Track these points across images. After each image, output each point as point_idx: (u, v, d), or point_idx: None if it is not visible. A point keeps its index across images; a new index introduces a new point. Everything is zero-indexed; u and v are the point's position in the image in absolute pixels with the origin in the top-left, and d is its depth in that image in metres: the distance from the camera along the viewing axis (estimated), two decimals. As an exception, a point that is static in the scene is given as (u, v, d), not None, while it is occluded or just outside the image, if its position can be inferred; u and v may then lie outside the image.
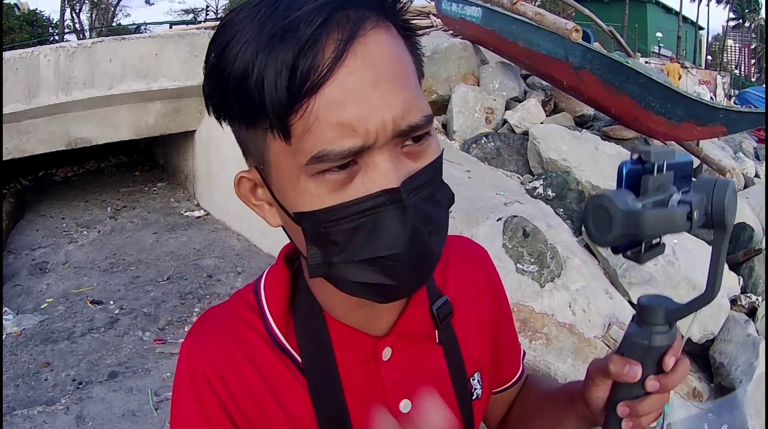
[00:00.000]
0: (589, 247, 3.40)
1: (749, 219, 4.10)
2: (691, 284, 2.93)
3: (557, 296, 2.96)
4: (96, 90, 5.27)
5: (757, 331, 3.06)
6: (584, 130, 4.72)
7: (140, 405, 3.08)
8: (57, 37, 25.24)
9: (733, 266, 3.64)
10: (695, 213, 0.53)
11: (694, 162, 5.18)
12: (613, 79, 4.40)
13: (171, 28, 15.37)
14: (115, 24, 30.58)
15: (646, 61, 14.06)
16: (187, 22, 23.68)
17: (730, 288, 3.41)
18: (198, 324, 0.65)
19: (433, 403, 0.67)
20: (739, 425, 2.49)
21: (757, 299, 3.39)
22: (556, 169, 4.02)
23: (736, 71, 37.41)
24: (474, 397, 0.71)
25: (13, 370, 3.43)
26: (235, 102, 0.50)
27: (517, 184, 4.07)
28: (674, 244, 3.20)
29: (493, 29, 5.33)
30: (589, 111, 5.37)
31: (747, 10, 40.93)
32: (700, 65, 31.42)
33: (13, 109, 4.93)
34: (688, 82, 12.96)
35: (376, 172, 0.50)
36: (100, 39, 5.81)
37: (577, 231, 3.55)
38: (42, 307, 4.25)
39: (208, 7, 34.26)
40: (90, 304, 4.26)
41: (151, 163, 8.06)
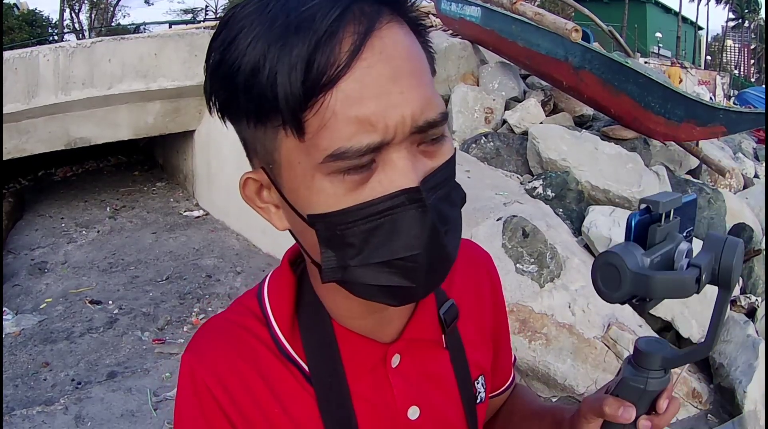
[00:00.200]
0: (589, 248, 3.40)
1: (749, 219, 4.10)
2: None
3: (557, 296, 2.96)
4: (95, 90, 5.27)
5: (757, 332, 3.06)
6: (584, 130, 4.72)
7: (139, 405, 3.07)
8: (56, 37, 25.22)
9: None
10: (703, 276, 0.54)
11: (693, 162, 5.18)
12: (612, 79, 4.40)
13: (170, 27, 15.36)
14: (114, 24, 30.56)
15: (646, 61, 14.06)
16: (186, 22, 23.64)
17: (729, 288, 3.41)
18: (199, 334, 0.63)
19: (441, 409, 0.67)
20: None
21: (757, 300, 3.39)
22: (555, 169, 4.02)
23: (736, 71, 37.43)
24: (478, 401, 0.71)
25: (12, 370, 3.42)
26: (244, 98, 0.48)
27: (517, 184, 4.07)
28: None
29: (493, 29, 5.33)
30: (589, 111, 5.37)
31: (746, 10, 40.96)
32: (700, 65, 31.43)
33: (12, 109, 4.93)
34: (688, 83, 12.96)
35: (394, 171, 0.48)
36: (100, 39, 5.80)
37: (577, 231, 3.55)
38: (41, 307, 4.25)
39: (207, 6, 34.25)
40: (89, 304, 4.26)
41: (150, 162, 8.05)
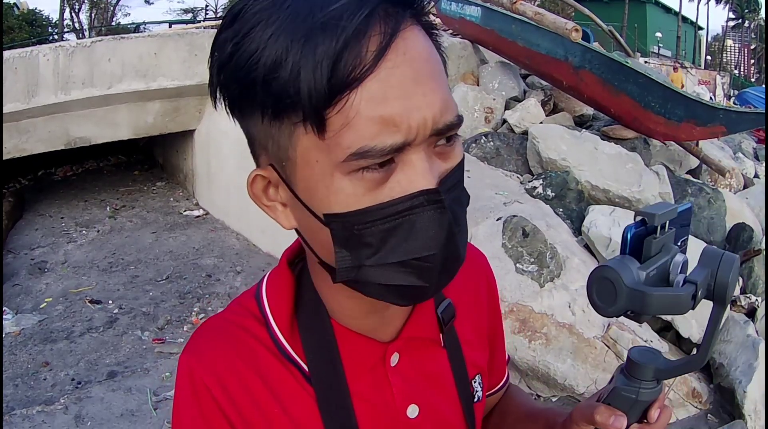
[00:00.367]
0: (589, 247, 3.40)
1: (749, 219, 4.10)
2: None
3: (557, 296, 2.96)
4: (95, 89, 5.27)
5: (757, 332, 3.06)
6: (584, 130, 4.72)
7: (139, 405, 3.07)
8: (56, 37, 25.22)
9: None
10: (699, 292, 0.54)
11: (693, 162, 5.18)
12: (612, 78, 4.40)
13: (170, 27, 15.35)
14: (114, 23, 30.55)
15: (646, 61, 14.06)
16: (186, 22, 23.64)
17: (729, 288, 3.41)
18: (197, 334, 0.62)
19: (439, 408, 0.67)
20: None
21: (757, 300, 3.39)
22: (555, 169, 4.02)
23: (736, 71, 37.43)
24: (475, 400, 0.72)
25: (12, 369, 3.42)
26: (262, 92, 0.47)
27: (517, 184, 4.07)
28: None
29: (493, 29, 5.33)
30: (589, 111, 5.37)
31: (746, 10, 40.95)
32: (700, 65, 31.42)
33: (12, 109, 4.93)
34: (688, 83, 12.96)
35: (414, 172, 0.48)
36: (100, 38, 5.80)
37: (577, 231, 3.55)
38: (41, 306, 4.25)
39: (207, 6, 34.25)
40: (89, 304, 4.26)
41: (150, 162, 8.05)
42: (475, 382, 0.72)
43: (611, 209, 3.58)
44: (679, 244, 0.60)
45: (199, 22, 20.25)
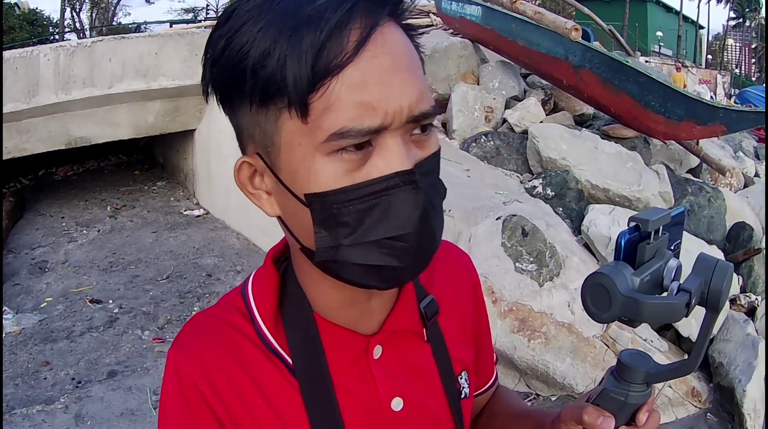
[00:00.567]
0: (588, 247, 3.40)
1: (749, 218, 4.09)
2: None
3: (556, 295, 2.96)
4: (96, 89, 5.28)
5: (756, 331, 3.06)
6: (584, 129, 4.72)
7: (139, 404, 3.08)
8: (57, 37, 25.22)
9: (733, 266, 3.63)
10: (693, 300, 0.55)
11: (693, 161, 5.18)
12: (612, 78, 4.40)
13: (171, 27, 15.36)
14: (115, 23, 30.56)
15: (646, 61, 14.04)
16: (187, 21, 23.62)
17: (729, 287, 3.41)
18: (184, 330, 0.64)
19: (425, 401, 0.68)
20: None
21: (757, 299, 3.39)
22: (555, 168, 4.02)
23: (737, 70, 37.39)
24: (462, 396, 0.73)
25: (13, 369, 3.43)
26: (251, 80, 0.51)
27: (517, 183, 4.07)
28: (673, 244, 3.19)
29: (493, 28, 5.33)
30: (589, 110, 5.36)
31: (747, 9, 40.90)
32: (701, 64, 31.39)
33: (12, 109, 4.94)
34: (689, 82, 12.94)
35: (390, 155, 0.51)
36: (100, 38, 5.81)
37: (576, 230, 3.55)
38: (41, 306, 4.26)
39: (208, 5, 34.25)
40: (89, 303, 4.27)
41: (150, 162, 8.06)
42: (461, 379, 0.73)
43: (611, 208, 3.58)
44: (673, 248, 0.61)
45: (200, 21, 20.27)
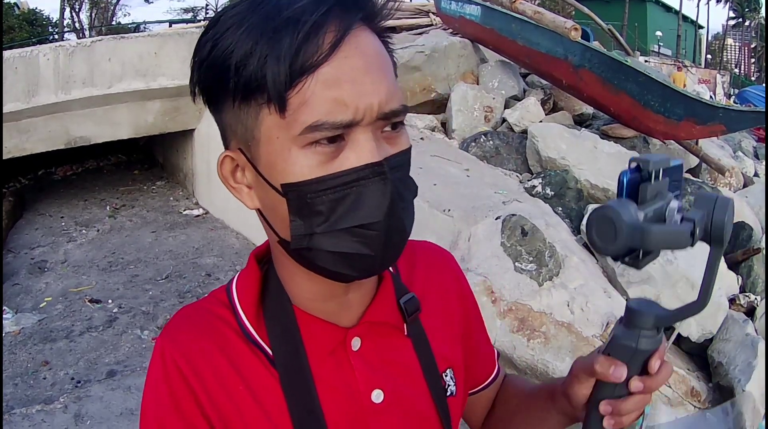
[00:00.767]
0: (588, 246, 3.40)
1: (748, 218, 4.09)
2: (689, 283, 2.92)
3: (556, 295, 2.96)
4: (95, 89, 5.28)
5: (756, 331, 3.06)
6: (583, 129, 4.72)
7: (138, 404, 3.05)
8: (56, 36, 25.22)
9: (732, 265, 3.63)
10: (697, 230, 0.55)
11: (692, 161, 5.18)
12: (612, 77, 4.40)
13: (170, 26, 15.36)
14: (114, 23, 30.57)
15: (646, 60, 14.05)
16: (186, 21, 23.61)
17: (728, 287, 3.41)
18: (172, 320, 0.67)
19: (406, 395, 0.68)
20: None
21: (756, 298, 3.39)
22: (555, 168, 4.02)
23: (736, 70, 37.41)
24: (448, 394, 0.73)
25: (12, 368, 3.43)
26: (234, 79, 0.54)
27: (516, 183, 4.07)
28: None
29: (493, 28, 5.33)
30: (588, 110, 5.36)
31: (747, 9, 40.93)
32: (700, 64, 31.41)
33: (12, 108, 4.94)
34: (688, 81, 12.95)
35: (361, 149, 0.55)
36: (100, 38, 5.81)
37: (576, 230, 3.55)
38: (41, 306, 4.26)
39: (207, 5, 34.25)
40: (89, 303, 4.27)
41: (150, 161, 8.06)
42: (446, 376, 0.73)
43: (610, 208, 3.57)
44: (674, 196, 0.60)
45: (199, 21, 20.24)
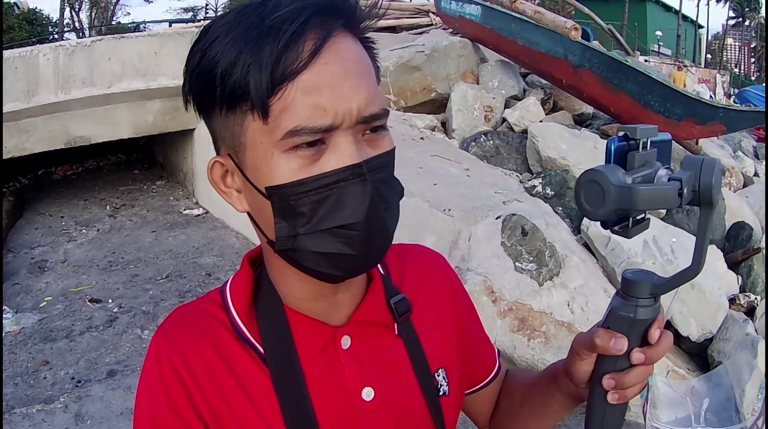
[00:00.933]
0: (588, 246, 3.40)
1: (748, 218, 4.10)
2: (690, 282, 2.93)
3: (556, 294, 2.96)
4: (95, 88, 5.27)
5: (756, 330, 3.06)
6: (583, 129, 4.72)
7: (139, 403, 3.08)
8: (56, 36, 25.21)
9: (732, 265, 3.64)
10: (685, 190, 0.55)
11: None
12: (612, 77, 4.40)
13: (170, 26, 15.36)
14: (114, 22, 30.57)
15: (646, 60, 14.06)
16: (186, 21, 23.63)
17: (728, 287, 3.41)
18: (168, 318, 0.69)
19: (397, 394, 0.69)
20: (722, 400, 2.51)
21: (756, 298, 3.39)
22: (555, 168, 4.02)
23: (736, 70, 37.41)
24: (441, 393, 0.73)
25: (12, 368, 3.43)
26: (220, 88, 0.56)
27: (516, 183, 4.07)
28: (673, 243, 3.20)
29: (493, 27, 5.33)
30: (588, 109, 5.37)
31: (747, 9, 40.92)
32: (700, 64, 31.41)
33: (12, 108, 4.93)
34: (688, 81, 12.95)
35: (341, 151, 0.57)
36: (100, 38, 5.81)
37: (576, 229, 3.55)
38: (41, 305, 4.25)
39: (207, 5, 34.26)
40: (89, 303, 4.26)
41: (150, 161, 8.05)
42: (438, 376, 0.74)
43: (610, 208, 3.57)
44: (664, 166, 0.60)
45: (199, 21, 20.25)
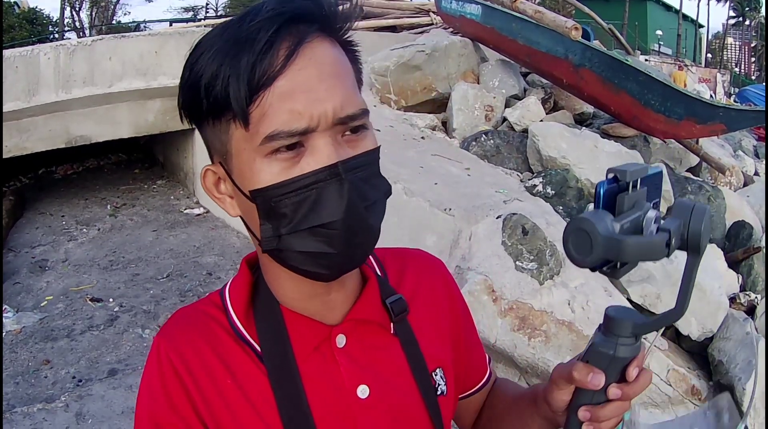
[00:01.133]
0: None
1: (749, 217, 4.10)
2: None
3: (556, 294, 2.96)
4: (96, 88, 5.28)
5: (756, 329, 3.06)
6: (584, 128, 4.72)
7: (140, 402, 3.08)
8: (57, 35, 25.23)
9: (732, 264, 3.64)
10: (673, 240, 0.55)
11: (693, 160, 5.18)
12: (612, 77, 4.40)
13: (171, 25, 15.36)
14: (114, 22, 30.57)
15: (646, 59, 14.04)
16: (186, 20, 23.61)
17: (729, 286, 3.42)
18: (169, 320, 0.72)
19: (393, 392, 0.70)
20: None
21: (756, 297, 3.39)
22: (555, 167, 4.02)
23: (736, 69, 37.39)
24: (439, 393, 0.74)
25: (13, 367, 3.43)
26: (206, 100, 0.59)
27: (517, 182, 4.07)
28: (673, 242, 3.19)
29: (493, 27, 5.33)
30: (589, 109, 5.36)
31: (747, 8, 40.90)
32: (700, 63, 31.39)
33: (13, 107, 4.94)
34: (688, 80, 12.94)
35: (319, 153, 0.58)
36: (100, 37, 5.81)
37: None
38: (42, 304, 4.26)
39: (208, 4, 34.25)
40: (90, 302, 4.27)
41: (150, 160, 8.06)
42: (436, 376, 0.74)
43: (611, 207, 3.57)
44: (652, 205, 0.60)
45: (200, 20, 20.23)
